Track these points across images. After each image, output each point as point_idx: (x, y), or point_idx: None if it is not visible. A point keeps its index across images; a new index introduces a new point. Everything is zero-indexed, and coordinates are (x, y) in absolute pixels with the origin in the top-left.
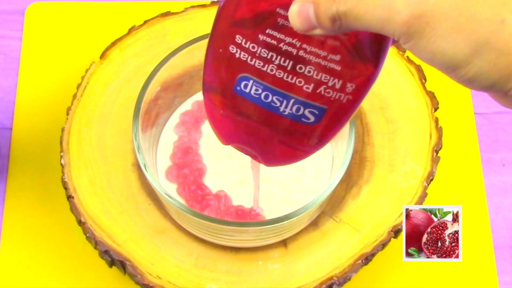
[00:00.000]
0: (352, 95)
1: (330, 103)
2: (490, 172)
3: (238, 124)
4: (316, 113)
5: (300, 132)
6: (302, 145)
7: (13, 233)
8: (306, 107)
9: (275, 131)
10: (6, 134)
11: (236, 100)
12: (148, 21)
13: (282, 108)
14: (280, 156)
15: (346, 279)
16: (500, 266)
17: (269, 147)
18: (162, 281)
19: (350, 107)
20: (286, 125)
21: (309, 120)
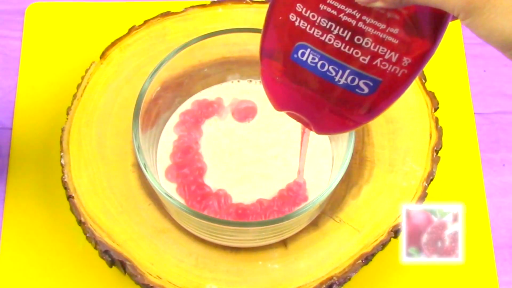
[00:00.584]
0: (407, 69)
1: (385, 75)
2: (490, 172)
3: (292, 91)
4: (370, 85)
5: (353, 102)
6: (353, 116)
7: (13, 233)
8: (361, 78)
9: (328, 100)
10: (6, 134)
11: (292, 67)
12: (148, 21)
13: (337, 78)
14: (331, 125)
15: (346, 279)
16: (500, 266)
17: (321, 115)
18: (162, 281)
19: (405, 81)
20: (339, 95)
21: (363, 91)
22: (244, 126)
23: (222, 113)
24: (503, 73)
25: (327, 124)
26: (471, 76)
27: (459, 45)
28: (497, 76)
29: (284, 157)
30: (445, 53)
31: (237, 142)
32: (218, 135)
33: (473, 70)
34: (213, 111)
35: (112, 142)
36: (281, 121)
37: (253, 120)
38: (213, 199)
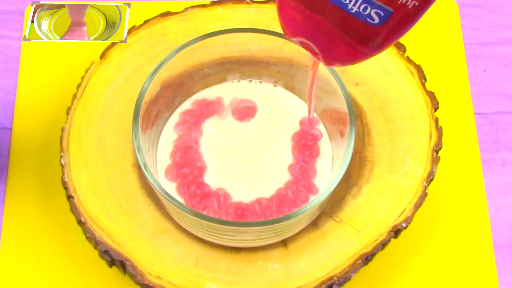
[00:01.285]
0: (418, 2)
1: (396, 6)
2: (490, 172)
3: (305, 18)
4: (381, 15)
5: (363, 32)
6: (362, 46)
7: (13, 233)
8: (373, 7)
9: (340, 28)
10: (6, 134)
11: None
12: (148, 21)
13: (351, 5)
14: (340, 55)
15: (346, 279)
16: (500, 266)
17: (332, 44)
18: (162, 281)
19: (415, 13)
20: (351, 24)
21: (374, 21)
22: (244, 125)
23: (222, 112)
24: (503, 73)
25: (336, 54)
26: (471, 76)
27: (459, 45)
28: (497, 76)
29: (282, 156)
30: (445, 53)
31: (236, 141)
32: (218, 134)
33: (473, 70)
34: (213, 111)
35: (112, 142)
36: (280, 120)
37: (253, 119)
38: (212, 199)
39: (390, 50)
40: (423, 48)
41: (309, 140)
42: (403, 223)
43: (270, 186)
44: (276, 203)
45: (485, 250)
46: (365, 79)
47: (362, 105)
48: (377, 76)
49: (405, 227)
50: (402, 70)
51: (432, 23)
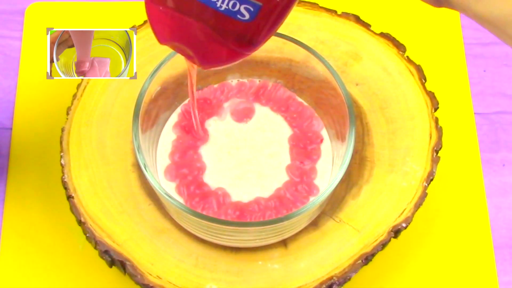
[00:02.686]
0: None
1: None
2: (490, 172)
3: (176, 21)
4: (251, 10)
5: (235, 30)
6: (237, 45)
7: (13, 233)
8: (242, 3)
9: (211, 28)
10: (6, 134)
11: None
12: None
13: (219, 3)
14: (215, 56)
15: (346, 279)
16: (500, 266)
17: (205, 45)
18: (162, 281)
19: (284, 6)
20: (222, 22)
21: (244, 17)
22: (242, 126)
23: (221, 113)
24: (503, 73)
25: (211, 56)
26: (471, 76)
27: (459, 45)
28: (497, 76)
29: (280, 157)
30: (445, 53)
31: (235, 142)
32: (217, 135)
33: (473, 70)
34: (212, 112)
35: (112, 142)
36: (278, 121)
37: (251, 120)
38: (212, 199)
39: (390, 50)
40: (423, 48)
41: (308, 144)
42: (403, 223)
43: (269, 186)
44: (275, 203)
45: (485, 250)
46: (365, 79)
47: (362, 105)
48: (377, 76)
49: (405, 227)
50: (402, 70)
51: (432, 23)
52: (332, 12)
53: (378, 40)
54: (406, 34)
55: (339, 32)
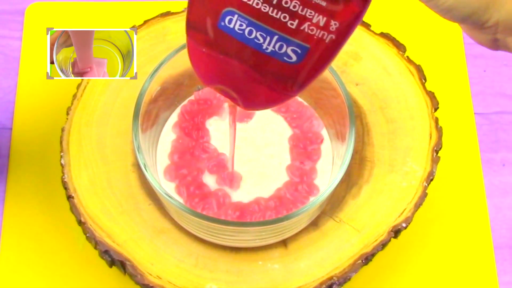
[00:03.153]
0: (335, 35)
1: (313, 41)
2: (490, 172)
3: (219, 63)
4: (298, 52)
5: (281, 72)
6: (282, 87)
7: (13, 233)
8: (289, 45)
9: (256, 71)
10: (6, 134)
11: (219, 36)
12: (148, 21)
13: (265, 45)
14: (260, 98)
15: (346, 279)
16: (500, 266)
17: (249, 88)
18: (162, 281)
19: (332, 48)
20: (268, 64)
21: (291, 59)
22: (242, 126)
23: (222, 113)
24: (503, 73)
25: (256, 98)
26: (471, 76)
27: (459, 45)
28: (497, 76)
29: (280, 157)
30: (445, 53)
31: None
32: (217, 135)
33: (473, 70)
34: (212, 112)
35: (112, 142)
36: (278, 121)
37: (251, 120)
38: (211, 199)
39: (390, 50)
40: (423, 48)
41: (308, 145)
42: (403, 223)
43: (269, 186)
44: (275, 204)
45: (485, 250)
46: (365, 79)
47: (362, 105)
48: (377, 76)
49: (405, 227)
50: (402, 70)
51: (432, 23)
52: None
53: (378, 40)
54: (406, 34)
55: None
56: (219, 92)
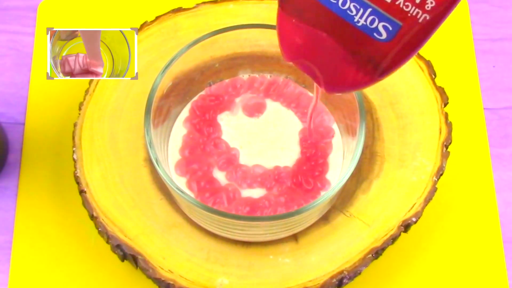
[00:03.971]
0: (429, 15)
1: (406, 19)
2: (499, 167)
3: (308, 35)
4: (389, 29)
5: (369, 50)
6: (367, 67)
7: (25, 227)
8: (381, 20)
9: (344, 45)
10: (19, 129)
11: (312, 5)
12: (159, 17)
13: (357, 17)
14: (343, 78)
15: (356, 273)
16: (509, 260)
17: (335, 65)
18: (173, 275)
19: (425, 30)
20: (357, 39)
21: (381, 36)
22: (254, 120)
23: (233, 108)
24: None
25: (339, 77)
26: (481, 71)
27: (469, 41)
28: (506, 72)
29: (290, 151)
30: (454, 49)
31: (246, 136)
32: (228, 130)
33: (483, 65)
34: (224, 107)
35: (124, 137)
36: (288, 115)
37: (262, 115)
38: (222, 194)
39: None
40: (433, 43)
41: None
42: (413, 217)
43: (280, 176)
44: (286, 199)
45: (494, 244)
46: None
47: (372, 101)
48: None
49: (415, 222)
50: (412, 65)
51: None
52: None
53: None
54: None
55: None
56: (301, 68)
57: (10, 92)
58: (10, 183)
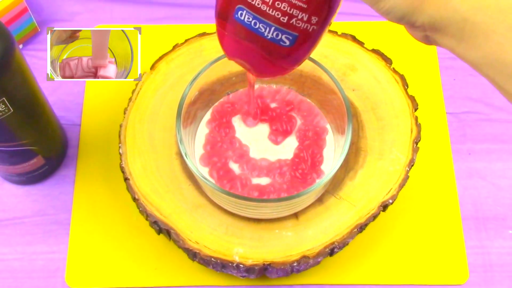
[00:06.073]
0: (316, 26)
1: (300, 31)
2: (458, 159)
3: (237, 43)
4: (290, 38)
5: (280, 52)
6: (281, 62)
7: (81, 208)
8: (283, 34)
9: (262, 50)
10: (76, 129)
11: (235, 25)
12: (188, 39)
13: (266, 33)
14: (266, 70)
15: (345, 244)
16: (466, 234)
17: (259, 62)
18: (199, 246)
19: (316, 35)
20: (269, 46)
21: (285, 43)
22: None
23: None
24: (469, 81)
25: (263, 69)
26: (444, 83)
27: (434, 59)
28: (464, 83)
29: (290, 146)
30: (422, 65)
31: (255, 134)
32: (240, 129)
33: (445, 78)
34: (237, 112)
35: (160, 135)
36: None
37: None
38: (236, 181)
39: (379, 63)
40: (406, 61)
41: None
42: (390, 199)
43: (282, 170)
44: (288, 186)
45: (454, 221)
46: (360, 86)
47: (357, 106)
48: (369, 83)
49: (392, 203)
50: (389, 78)
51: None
52: (334, 32)
53: (370, 55)
54: (392, 50)
55: (339, 48)
56: (238, 64)
57: (69, 99)
58: (69, 172)
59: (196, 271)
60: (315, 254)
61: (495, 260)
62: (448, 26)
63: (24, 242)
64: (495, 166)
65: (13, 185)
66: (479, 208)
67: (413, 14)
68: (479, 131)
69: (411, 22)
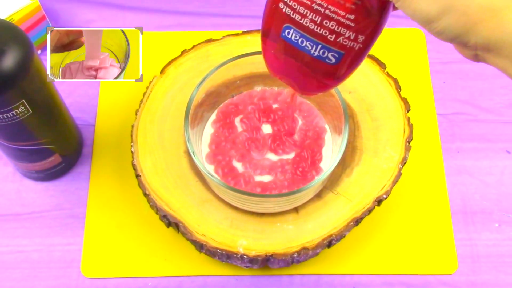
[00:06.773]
0: (362, 44)
1: (346, 49)
2: (448, 157)
3: (283, 61)
4: (336, 56)
5: (325, 69)
6: (325, 80)
7: (96, 203)
8: (329, 51)
9: (307, 67)
10: (91, 129)
11: (281, 43)
12: (195, 45)
13: (313, 51)
14: (310, 86)
15: (341, 236)
16: (455, 227)
17: (303, 79)
18: (206, 238)
19: (361, 53)
20: (315, 64)
21: (331, 61)
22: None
23: (247, 114)
24: (458, 84)
25: (308, 86)
26: (434, 86)
27: (425, 63)
28: (453, 87)
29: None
30: (414, 69)
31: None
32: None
33: (436, 81)
34: (240, 113)
35: (169, 135)
36: None
37: (271, 118)
38: (240, 178)
39: (374, 67)
40: (399, 66)
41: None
42: (384, 195)
43: (284, 168)
44: (288, 183)
45: (444, 214)
46: (356, 88)
47: (353, 108)
48: (364, 86)
49: (385, 198)
50: (383, 82)
51: (405, 48)
52: None
53: (366, 60)
54: (386, 56)
55: None
56: (282, 80)
57: (84, 101)
58: (84, 170)
59: (203, 262)
60: (314, 246)
61: (482, 252)
62: (502, 48)
63: (42, 234)
64: (482, 164)
65: (32, 181)
66: (467, 203)
67: (466, 35)
68: (467, 131)
69: (463, 42)
